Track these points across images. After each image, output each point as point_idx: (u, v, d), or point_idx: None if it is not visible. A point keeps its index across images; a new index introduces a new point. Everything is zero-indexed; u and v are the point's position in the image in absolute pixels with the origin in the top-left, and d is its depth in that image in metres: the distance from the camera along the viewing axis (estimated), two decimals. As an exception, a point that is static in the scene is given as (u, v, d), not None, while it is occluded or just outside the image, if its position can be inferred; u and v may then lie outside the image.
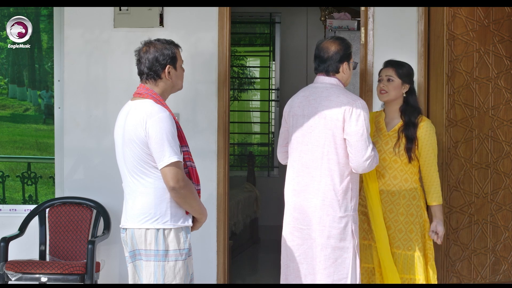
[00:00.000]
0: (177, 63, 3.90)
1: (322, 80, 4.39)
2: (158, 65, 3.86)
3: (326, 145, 4.28)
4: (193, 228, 3.91)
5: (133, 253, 3.82)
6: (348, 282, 4.32)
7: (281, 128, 4.60)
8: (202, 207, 3.86)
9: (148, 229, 3.74)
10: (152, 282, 3.74)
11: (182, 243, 3.77)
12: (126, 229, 3.84)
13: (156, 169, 3.72)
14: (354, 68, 4.48)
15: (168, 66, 3.86)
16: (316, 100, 4.33)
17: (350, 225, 4.34)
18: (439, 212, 4.69)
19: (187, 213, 3.83)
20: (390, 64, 4.74)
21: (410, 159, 4.59)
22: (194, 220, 3.89)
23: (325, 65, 4.36)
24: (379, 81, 4.69)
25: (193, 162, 3.88)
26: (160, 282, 3.73)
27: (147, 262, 3.75)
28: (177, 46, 3.95)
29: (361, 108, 4.27)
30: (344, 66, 4.38)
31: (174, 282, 3.73)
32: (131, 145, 3.76)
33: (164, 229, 3.74)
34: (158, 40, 3.94)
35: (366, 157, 4.25)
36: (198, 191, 3.86)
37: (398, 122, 4.65)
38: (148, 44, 3.93)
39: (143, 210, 3.75)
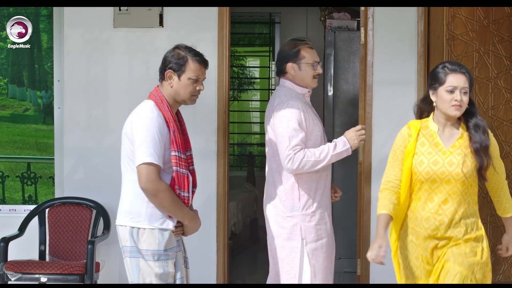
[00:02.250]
0: (183, 75, 3.95)
1: (279, 82, 4.52)
2: (163, 67, 3.98)
3: (269, 154, 4.44)
4: (184, 233, 3.95)
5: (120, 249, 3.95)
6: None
7: None
8: (184, 212, 3.88)
9: (124, 226, 3.85)
10: (129, 279, 3.84)
11: (156, 244, 3.80)
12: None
13: None
14: (313, 68, 4.43)
15: (169, 70, 3.94)
16: (269, 105, 4.48)
17: (299, 225, 4.36)
18: None
19: (170, 216, 3.87)
20: (460, 68, 3.79)
21: (484, 178, 3.84)
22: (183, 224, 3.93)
23: (276, 66, 4.50)
24: (450, 91, 3.72)
25: (185, 168, 3.90)
26: (135, 279, 3.81)
27: (125, 259, 3.86)
28: (192, 58, 3.98)
29: (287, 112, 4.29)
30: (288, 66, 4.42)
31: (147, 282, 3.79)
32: (123, 141, 3.89)
33: (138, 228, 3.81)
34: (183, 46, 4.03)
35: (284, 157, 4.25)
36: (186, 198, 3.88)
37: (458, 136, 3.79)
38: (174, 47, 4.03)
39: (123, 207, 3.88)
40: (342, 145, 4.36)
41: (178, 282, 3.91)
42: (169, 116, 3.89)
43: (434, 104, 3.81)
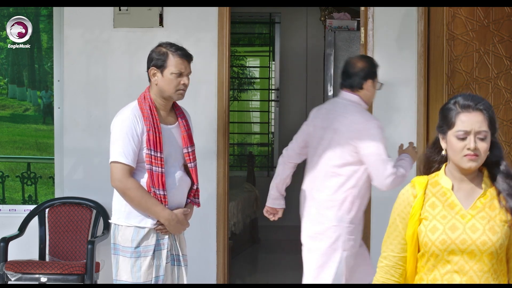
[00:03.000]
0: (165, 70, 3.99)
1: (345, 96, 4.47)
2: (147, 66, 4.04)
3: (332, 159, 4.37)
4: (169, 231, 3.99)
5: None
6: None
7: (300, 129, 4.67)
8: (158, 210, 3.92)
9: (111, 223, 4.06)
10: (113, 275, 4.00)
11: (130, 241, 3.94)
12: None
13: None
14: (379, 89, 4.53)
15: (152, 68, 4.00)
16: (334, 115, 4.42)
17: (343, 236, 4.37)
18: None
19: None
20: (476, 104, 2.76)
21: None
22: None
23: (350, 80, 4.43)
24: (461, 138, 2.73)
25: (159, 167, 3.94)
26: (114, 276, 4.00)
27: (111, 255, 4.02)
28: (173, 53, 4.01)
29: (374, 127, 4.32)
30: (368, 84, 4.43)
31: (123, 279, 3.95)
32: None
33: (117, 225, 3.99)
34: (164, 43, 4.07)
35: (386, 175, 4.25)
36: (161, 196, 3.93)
37: (479, 193, 2.83)
38: (156, 45, 4.08)
39: (112, 205, 4.10)
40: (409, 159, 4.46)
41: (158, 281, 3.94)
42: (147, 115, 3.94)
43: (444, 152, 2.85)
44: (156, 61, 3.98)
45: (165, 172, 3.94)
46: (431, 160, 2.93)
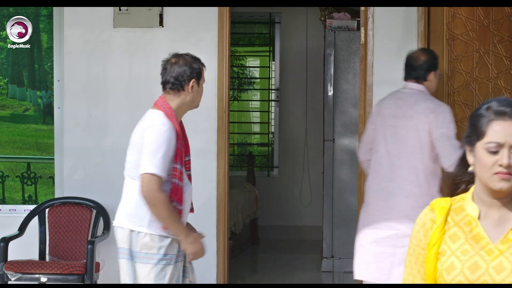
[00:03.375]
0: (201, 80, 4.03)
1: (411, 86, 4.68)
2: (185, 77, 3.95)
3: (412, 145, 4.51)
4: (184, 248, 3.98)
5: (119, 250, 3.98)
6: None
7: (366, 127, 4.86)
8: (179, 227, 3.89)
9: (123, 228, 3.91)
10: (122, 280, 3.91)
11: (157, 248, 3.85)
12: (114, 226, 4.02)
13: None
14: (440, 79, 4.79)
15: (193, 80, 3.96)
16: (405, 104, 4.60)
17: None
18: None
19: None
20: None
21: None
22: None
23: (415, 72, 4.65)
24: (492, 152, 2.24)
25: (182, 181, 3.92)
26: (130, 281, 3.87)
27: (121, 260, 3.92)
28: (203, 64, 4.07)
29: (447, 112, 4.53)
30: (431, 75, 4.66)
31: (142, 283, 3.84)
32: (133, 149, 3.92)
33: (138, 232, 3.86)
34: (187, 54, 4.06)
35: (457, 156, 4.30)
36: (180, 211, 3.90)
37: None
38: (178, 56, 4.03)
39: (126, 210, 3.94)
40: None
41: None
42: (178, 129, 3.92)
43: (472, 169, 2.30)
44: (197, 72, 3.99)
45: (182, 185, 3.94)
46: (457, 179, 2.38)
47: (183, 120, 4.06)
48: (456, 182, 2.37)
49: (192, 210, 4.14)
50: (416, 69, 4.66)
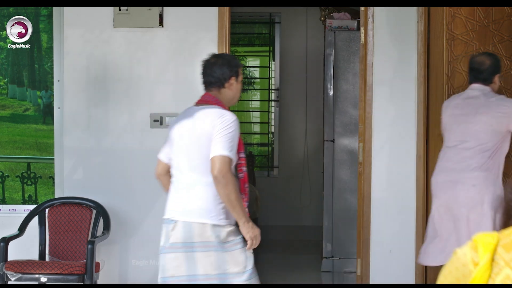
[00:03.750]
0: (239, 78, 4.21)
1: (479, 87, 4.96)
2: (226, 76, 4.15)
3: (484, 138, 4.81)
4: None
5: (184, 244, 4.03)
6: None
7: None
8: (244, 211, 4.05)
9: (204, 223, 3.99)
10: (211, 271, 3.99)
11: (237, 232, 4.09)
12: (176, 221, 4.06)
13: None
14: (500, 81, 5.08)
15: (232, 77, 4.16)
16: (476, 102, 4.90)
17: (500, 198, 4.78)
18: None
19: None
20: None
21: None
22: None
23: (481, 75, 4.94)
24: None
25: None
26: (220, 270, 4.01)
27: (207, 253, 3.99)
28: (240, 63, 4.34)
29: None
30: (496, 78, 4.96)
31: (234, 270, 4.05)
32: (199, 144, 4.03)
33: (217, 225, 4.00)
34: (225, 54, 4.36)
35: None
36: (243, 199, 4.08)
37: None
38: (217, 56, 4.25)
39: (202, 206, 4.01)
40: None
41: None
42: None
43: None
44: (236, 70, 4.17)
45: None
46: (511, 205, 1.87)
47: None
48: (510, 208, 1.87)
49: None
50: (482, 72, 4.93)
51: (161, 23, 5.81)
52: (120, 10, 5.83)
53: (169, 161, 4.18)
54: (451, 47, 5.56)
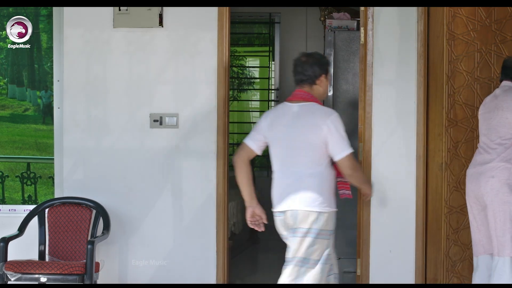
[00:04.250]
0: (328, 75, 4.60)
1: (507, 84, 5.10)
2: (317, 73, 4.54)
3: (502, 131, 4.98)
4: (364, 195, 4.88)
5: (295, 230, 4.47)
6: None
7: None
8: (367, 181, 4.87)
9: (312, 211, 4.41)
10: (311, 255, 4.43)
11: (334, 223, 4.50)
12: (286, 211, 4.50)
13: (325, 159, 4.47)
14: None
15: (322, 74, 4.55)
16: (500, 98, 5.04)
17: None
18: None
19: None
20: None
21: None
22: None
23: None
24: None
25: None
26: (318, 256, 4.42)
27: (305, 238, 4.42)
28: (328, 61, 4.72)
29: None
30: None
31: (325, 255, 4.43)
32: (308, 139, 4.43)
33: (323, 212, 4.42)
34: (315, 53, 4.64)
35: None
36: (347, 184, 4.61)
37: None
38: (307, 55, 4.59)
39: (309, 195, 4.42)
40: None
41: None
42: None
43: None
44: (325, 68, 4.58)
45: None
46: None
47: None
48: None
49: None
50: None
51: (160, 23, 5.81)
52: (120, 10, 5.83)
53: (258, 151, 4.64)
54: (451, 47, 5.56)
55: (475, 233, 5.10)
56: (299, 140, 4.45)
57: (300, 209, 4.44)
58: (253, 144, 4.63)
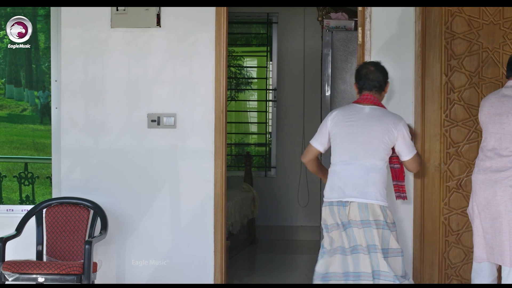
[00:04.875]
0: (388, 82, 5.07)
1: None
2: (384, 81, 5.00)
3: None
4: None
5: (362, 222, 4.77)
6: None
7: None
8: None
9: (382, 205, 4.80)
10: (373, 243, 4.73)
11: (392, 217, 4.87)
12: (350, 202, 4.80)
13: (387, 158, 4.89)
14: None
15: (388, 82, 5.02)
16: (510, 101, 4.94)
17: None
18: None
19: None
20: None
21: None
22: None
23: None
24: None
25: None
26: (385, 245, 4.77)
27: (376, 230, 4.76)
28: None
29: None
30: None
31: (395, 245, 4.78)
32: (379, 138, 4.84)
33: (386, 206, 4.82)
34: (378, 62, 5.06)
35: None
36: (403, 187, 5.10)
37: None
38: (374, 64, 5.03)
39: (378, 190, 4.81)
40: None
41: None
42: None
43: None
44: (388, 76, 5.01)
45: None
46: None
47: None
48: None
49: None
50: None
51: (158, 23, 5.81)
52: (117, 10, 5.83)
53: (323, 149, 5.03)
54: (450, 47, 5.56)
55: (479, 240, 4.97)
56: (373, 137, 4.84)
57: (369, 202, 4.81)
58: (320, 146, 5.03)
